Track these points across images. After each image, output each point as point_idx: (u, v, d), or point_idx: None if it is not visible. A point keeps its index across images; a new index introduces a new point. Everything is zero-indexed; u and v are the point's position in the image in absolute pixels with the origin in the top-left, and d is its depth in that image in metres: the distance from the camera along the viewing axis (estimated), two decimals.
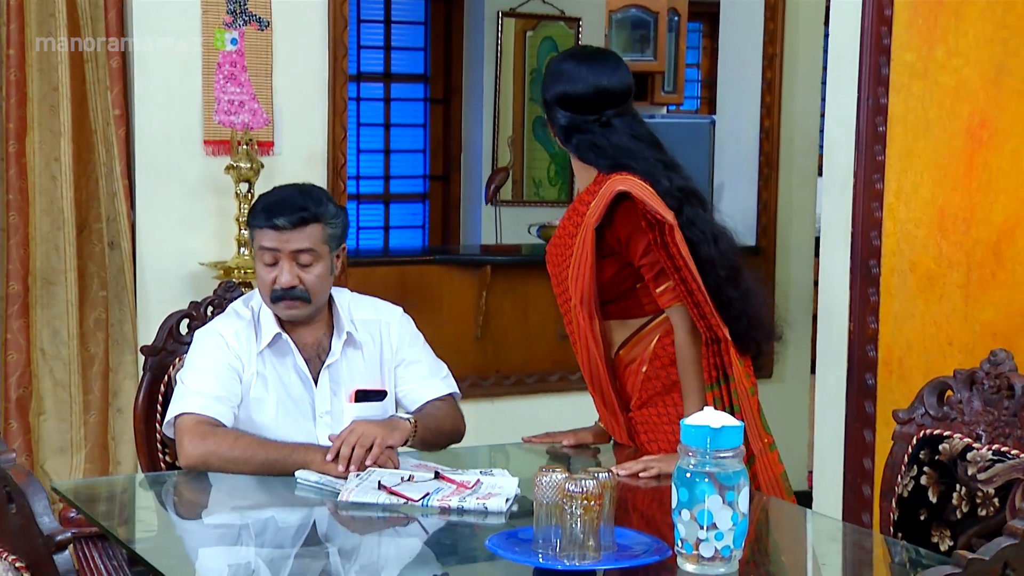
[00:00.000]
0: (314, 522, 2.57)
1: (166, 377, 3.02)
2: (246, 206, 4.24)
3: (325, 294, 2.91)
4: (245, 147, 4.23)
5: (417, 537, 2.49)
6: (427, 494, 2.55)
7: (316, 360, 2.93)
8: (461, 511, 2.51)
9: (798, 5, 5.67)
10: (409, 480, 2.63)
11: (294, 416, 2.90)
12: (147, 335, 4.31)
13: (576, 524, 2.09)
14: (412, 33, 7.97)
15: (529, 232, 5.87)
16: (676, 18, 9.93)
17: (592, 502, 2.08)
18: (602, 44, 8.11)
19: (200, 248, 4.34)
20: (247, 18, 4.34)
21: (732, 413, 2.75)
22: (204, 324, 3.08)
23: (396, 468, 2.74)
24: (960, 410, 2.56)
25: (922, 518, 2.59)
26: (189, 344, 3.06)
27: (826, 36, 5.01)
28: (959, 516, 2.51)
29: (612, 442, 3.17)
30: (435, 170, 8.05)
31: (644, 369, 3.00)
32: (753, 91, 5.67)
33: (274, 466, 2.73)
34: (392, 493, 2.56)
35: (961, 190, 3.59)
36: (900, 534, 2.60)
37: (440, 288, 5.21)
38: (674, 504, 2.14)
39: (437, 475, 2.69)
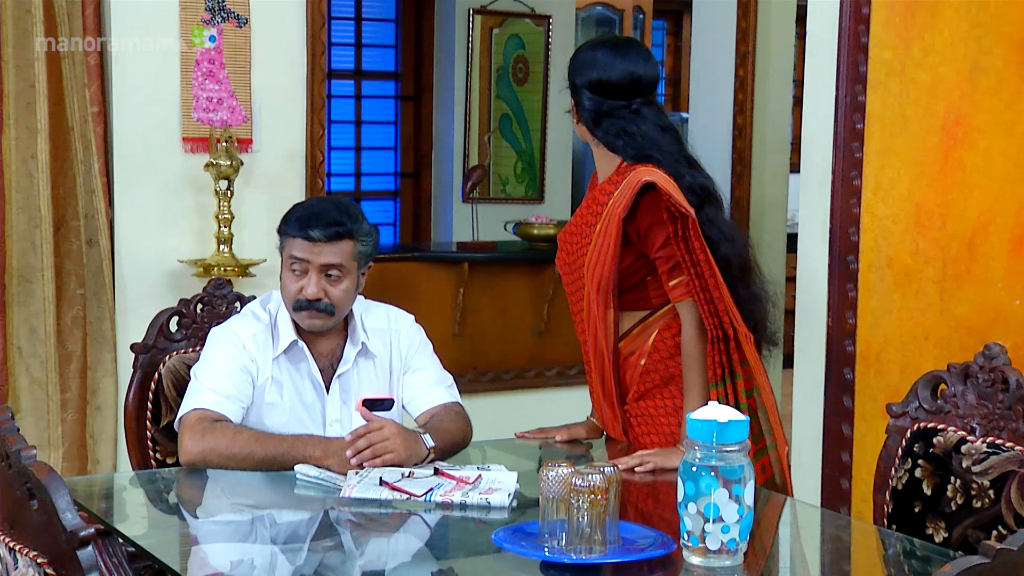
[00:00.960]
0: (317, 518, 2.57)
1: (156, 374, 3.02)
2: (226, 203, 4.24)
3: (348, 309, 2.92)
4: (225, 144, 4.22)
5: (420, 532, 2.50)
6: (430, 489, 2.56)
7: (329, 369, 2.95)
8: (464, 506, 2.52)
9: (770, 4, 5.72)
10: (409, 476, 2.65)
11: (305, 423, 2.91)
12: (126, 333, 4.31)
13: (583, 518, 2.10)
14: (383, 30, 7.96)
15: (505, 229, 5.89)
16: (641, 16, 9.99)
17: (598, 496, 2.10)
18: (572, 42, 8.13)
19: (179, 246, 4.33)
20: (225, 15, 4.33)
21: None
22: (194, 322, 3.08)
23: None
24: (954, 403, 2.58)
25: (916, 510, 2.62)
26: (179, 341, 3.07)
27: (797, 35, 5.05)
28: (954, 508, 2.54)
29: (604, 437, 3.19)
30: (406, 167, 8.04)
31: (643, 362, 3.02)
32: (726, 89, 5.73)
33: (273, 462, 2.74)
34: (394, 489, 2.57)
35: (937, 186, 3.63)
36: (894, 526, 2.63)
37: (418, 285, 5.23)
38: (680, 498, 2.16)
39: (437, 471, 2.70)
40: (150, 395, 3.01)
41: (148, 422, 2.99)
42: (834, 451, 3.78)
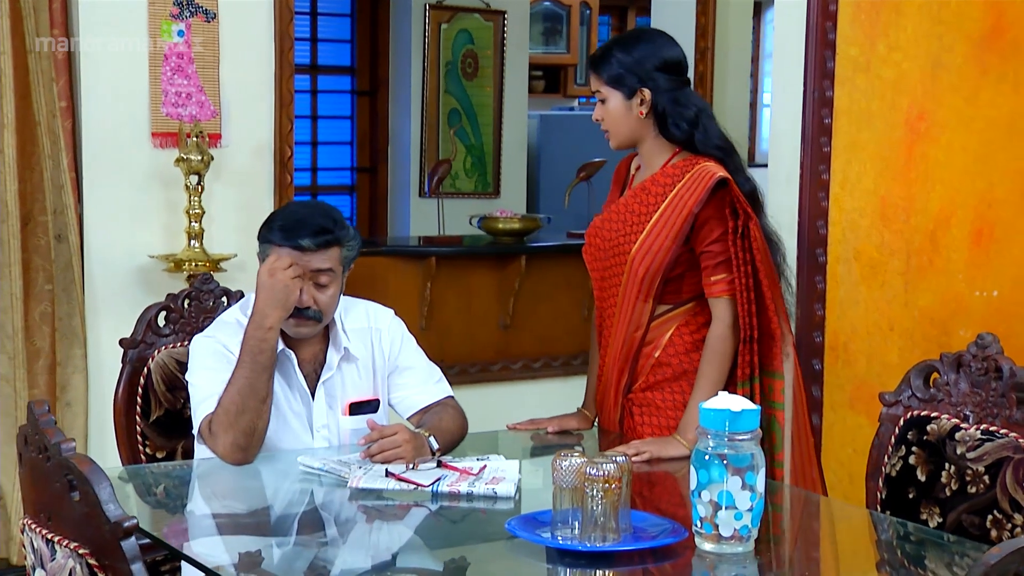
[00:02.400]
0: (324, 509, 2.59)
1: (145, 369, 3.02)
2: (196, 198, 4.23)
3: (333, 313, 2.90)
4: (196, 139, 4.20)
5: (429, 522, 2.52)
6: (438, 479, 2.59)
7: (313, 375, 2.93)
8: (471, 496, 2.55)
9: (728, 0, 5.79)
10: (413, 468, 2.67)
11: (293, 429, 2.90)
12: (96, 329, 4.29)
13: (597, 507, 2.14)
14: (338, 25, 7.95)
15: (471, 223, 5.92)
16: (588, 11, 10.06)
17: (612, 485, 2.14)
18: (527, 37, 8.18)
19: (149, 241, 4.30)
20: (194, 10, 4.32)
21: None
22: (182, 316, 3.08)
23: None
24: (947, 392, 2.64)
25: (911, 496, 2.67)
26: (167, 336, 3.06)
27: (753, 30, 5.09)
28: (948, 494, 2.60)
29: (594, 428, 3.21)
30: (362, 162, 8.04)
31: (657, 354, 3.03)
32: None
33: (257, 361, 2.72)
34: (400, 480, 2.59)
35: (901, 180, 3.71)
36: (888, 512, 2.68)
37: (386, 279, 5.23)
38: (693, 485, 2.20)
39: (440, 463, 2.72)
40: (139, 390, 3.01)
41: (137, 417, 2.99)
42: None
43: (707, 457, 2.16)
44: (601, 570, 2.19)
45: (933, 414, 2.66)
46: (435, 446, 2.79)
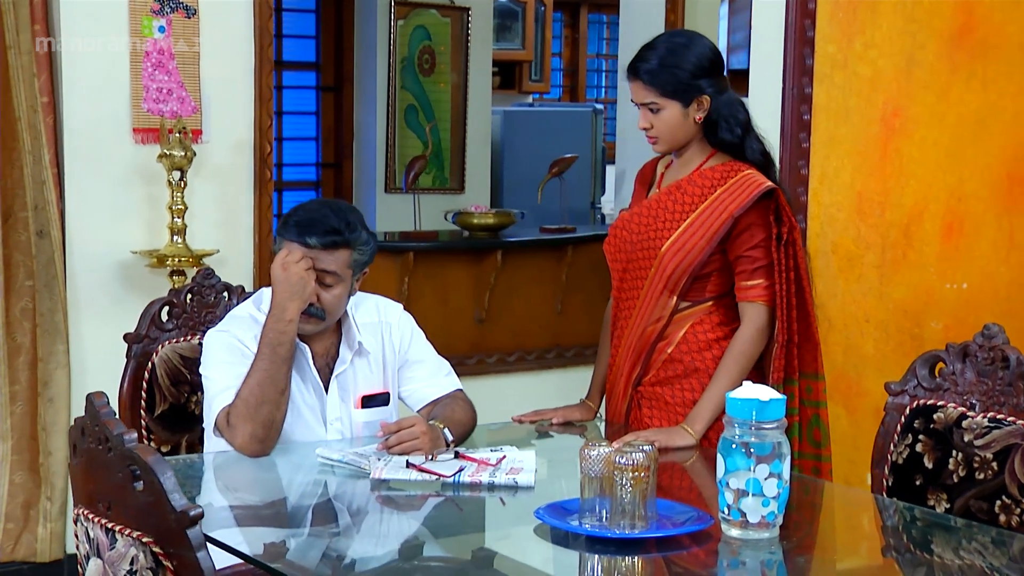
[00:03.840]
0: (345, 500, 2.62)
1: (149, 364, 3.03)
2: (179, 194, 4.23)
3: (339, 313, 2.93)
4: (178, 135, 4.21)
5: (452, 512, 2.56)
6: (460, 470, 2.62)
7: (326, 368, 2.96)
8: (492, 486, 2.58)
9: None
10: (432, 460, 2.70)
11: (307, 422, 2.93)
12: (78, 324, 4.29)
13: (625, 495, 2.19)
14: (303, 21, 7.94)
15: (445, 218, 5.96)
16: (542, 8, 10.12)
17: (641, 473, 2.19)
18: (490, 34, 8.22)
19: (132, 237, 4.30)
20: (174, 5, 4.32)
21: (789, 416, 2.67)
22: (184, 311, 3.10)
23: None
24: (953, 381, 2.70)
25: (917, 483, 2.73)
26: (170, 331, 3.08)
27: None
28: (956, 480, 2.66)
29: (597, 419, 3.26)
30: (327, 158, 8.04)
31: (670, 350, 3.07)
32: None
33: (276, 353, 2.75)
34: (422, 471, 2.63)
35: (877, 175, 3.79)
36: (895, 498, 2.74)
37: None
38: (720, 473, 2.25)
39: (457, 454, 2.76)
40: (144, 384, 3.02)
41: (142, 411, 3.00)
42: None
43: (734, 445, 2.22)
44: (630, 557, 2.23)
45: (939, 403, 2.72)
46: (449, 437, 2.83)
